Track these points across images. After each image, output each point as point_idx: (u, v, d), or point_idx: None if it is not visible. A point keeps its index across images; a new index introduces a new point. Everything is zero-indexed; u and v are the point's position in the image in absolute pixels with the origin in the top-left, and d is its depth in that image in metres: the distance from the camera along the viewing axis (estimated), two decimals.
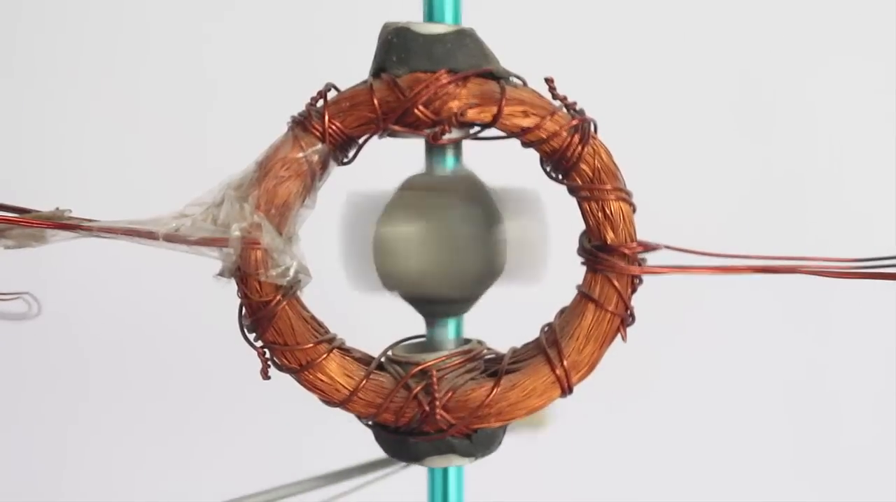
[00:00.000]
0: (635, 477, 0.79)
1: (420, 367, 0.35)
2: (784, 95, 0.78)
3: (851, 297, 0.70)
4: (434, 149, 0.36)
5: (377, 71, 0.34)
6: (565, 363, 0.35)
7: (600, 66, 0.74)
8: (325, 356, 0.35)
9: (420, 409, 0.35)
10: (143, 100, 0.76)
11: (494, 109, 0.33)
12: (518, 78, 0.34)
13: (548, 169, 0.35)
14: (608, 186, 0.34)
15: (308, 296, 0.35)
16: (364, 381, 0.35)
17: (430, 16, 0.35)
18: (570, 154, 0.33)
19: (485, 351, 0.37)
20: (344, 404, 0.35)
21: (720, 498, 0.77)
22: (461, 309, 0.37)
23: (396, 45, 0.33)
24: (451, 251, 0.35)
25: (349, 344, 0.37)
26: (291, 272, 0.33)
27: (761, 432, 0.80)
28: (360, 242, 0.36)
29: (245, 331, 0.35)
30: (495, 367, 0.36)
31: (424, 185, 0.36)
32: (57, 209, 0.34)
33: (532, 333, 0.37)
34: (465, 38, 0.33)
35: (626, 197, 0.34)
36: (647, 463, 0.79)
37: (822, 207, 0.78)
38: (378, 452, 0.38)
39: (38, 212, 0.34)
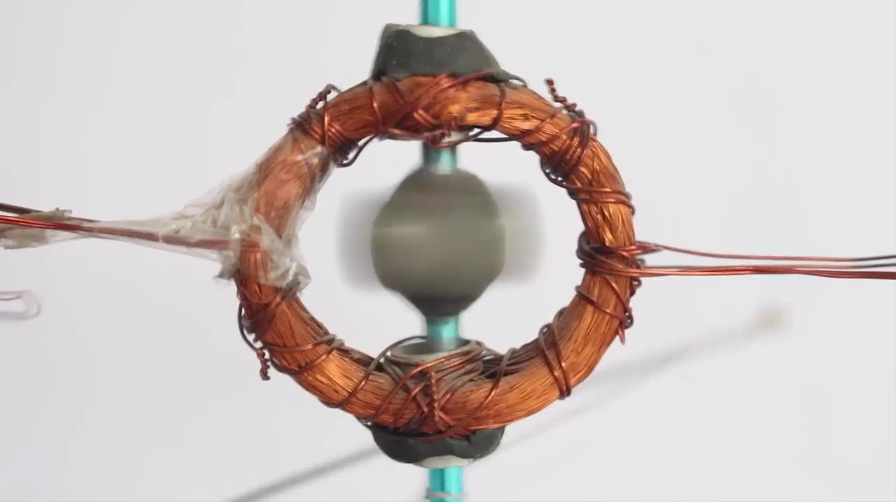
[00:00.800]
0: (634, 477, 0.79)
1: (419, 369, 0.35)
2: (782, 95, 0.78)
3: (850, 297, 0.70)
4: (431, 150, 0.36)
5: (377, 73, 0.34)
6: (564, 365, 0.35)
7: (600, 67, 0.74)
8: (324, 357, 0.35)
9: (419, 410, 0.35)
10: (144, 100, 0.76)
11: (494, 113, 0.33)
12: (518, 80, 0.34)
13: (547, 171, 0.35)
14: (607, 189, 0.34)
15: (307, 298, 0.35)
16: (363, 382, 0.35)
17: (425, 18, 0.35)
18: (570, 156, 0.34)
19: (483, 352, 0.37)
20: (343, 405, 0.35)
21: (715, 497, 0.77)
22: (462, 307, 0.37)
23: (397, 49, 0.33)
24: (455, 249, 0.35)
25: (348, 345, 0.37)
26: (290, 274, 0.33)
27: (758, 432, 0.80)
28: (358, 241, 0.36)
29: (245, 332, 0.35)
30: (494, 369, 0.36)
31: (426, 184, 0.36)
32: (57, 209, 0.34)
33: (531, 334, 0.37)
34: (465, 41, 0.33)
35: (624, 199, 0.34)
36: (645, 463, 0.79)
37: (820, 207, 0.78)
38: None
39: (38, 212, 0.34)
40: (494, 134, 0.34)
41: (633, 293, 0.35)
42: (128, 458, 0.77)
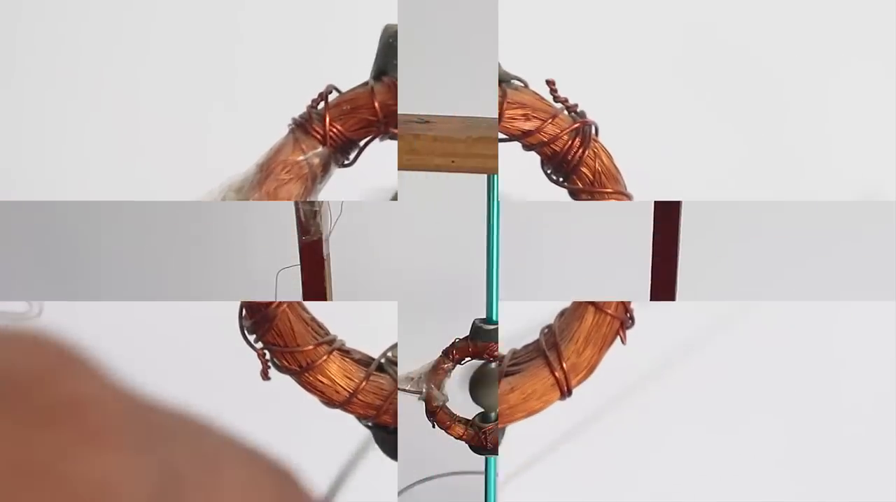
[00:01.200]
0: (632, 476, 0.79)
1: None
2: (784, 95, 0.78)
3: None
4: None
5: (378, 73, 0.34)
6: (565, 365, 0.35)
7: (602, 67, 0.74)
8: (325, 358, 0.35)
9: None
10: (143, 100, 0.76)
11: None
12: (520, 80, 0.34)
13: (548, 171, 0.35)
14: (609, 189, 0.34)
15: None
16: (364, 383, 0.35)
17: None
18: (571, 157, 0.33)
19: None
20: (344, 405, 0.35)
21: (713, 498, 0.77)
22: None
23: (397, 48, 0.33)
24: None
25: (349, 345, 0.37)
26: None
27: (756, 432, 0.80)
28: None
29: (245, 332, 0.35)
30: None
31: None
32: None
33: (531, 334, 0.37)
34: None
35: (626, 200, 0.34)
36: (643, 463, 0.79)
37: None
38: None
39: None
40: None
41: None
42: None
